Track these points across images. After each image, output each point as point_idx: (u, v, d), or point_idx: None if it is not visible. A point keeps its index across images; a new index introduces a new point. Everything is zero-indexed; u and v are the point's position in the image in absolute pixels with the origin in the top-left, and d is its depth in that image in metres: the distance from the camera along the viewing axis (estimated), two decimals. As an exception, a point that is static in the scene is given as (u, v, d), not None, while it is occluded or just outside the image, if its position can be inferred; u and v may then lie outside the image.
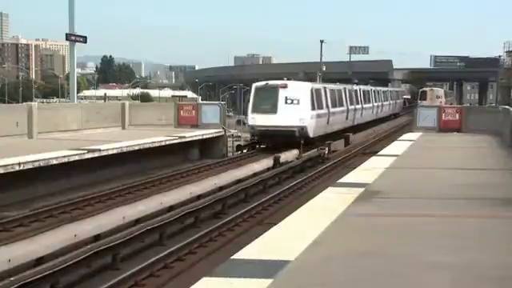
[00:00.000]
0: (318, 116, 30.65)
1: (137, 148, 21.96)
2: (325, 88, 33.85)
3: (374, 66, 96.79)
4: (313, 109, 29.98)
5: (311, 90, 30.64)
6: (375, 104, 50.16)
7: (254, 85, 30.86)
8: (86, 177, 19.92)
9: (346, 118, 38.33)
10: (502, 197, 11.69)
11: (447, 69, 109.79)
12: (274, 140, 28.86)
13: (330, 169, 25.16)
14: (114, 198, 17.71)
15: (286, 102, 29.06)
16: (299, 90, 30.08)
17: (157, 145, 23.30)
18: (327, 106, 32.90)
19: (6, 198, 16.53)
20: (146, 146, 22.59)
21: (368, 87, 51.04)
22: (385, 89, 61.08)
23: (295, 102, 29.18)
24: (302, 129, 28.67)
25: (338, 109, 35.63)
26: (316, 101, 30.83)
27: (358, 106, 41.93)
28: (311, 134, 29.42)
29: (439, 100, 64.57)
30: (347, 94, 39.25)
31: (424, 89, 71.70)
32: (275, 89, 29.76)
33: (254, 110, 29.73)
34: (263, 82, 31.22)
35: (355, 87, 43.99)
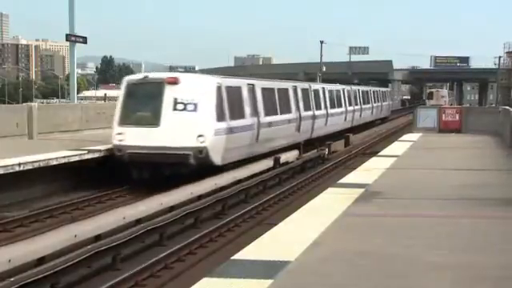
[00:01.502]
0: (233, 130, 19.97)
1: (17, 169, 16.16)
2: (252, 86, 22.68)
3: (374, 67, 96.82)
4: (221, 118, 19.39)
5: (218, 88, 19.67)
6: (349, 108, 39.50)
7: (126, 79, 20.43)
8: None
9: (298, 130, 27.47)
10: (501, 197, 11.70)
11: (447, 69, 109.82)
12: (154, 170, 18.67)
13: (330, 169, 25.14)
14: None
15: (175, 108, 18.77)
16: (198, 87, 19.46)
17: (45, 164, 17.13)
18: (256, 114, 22.22)
19: None
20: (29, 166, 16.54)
21: (337, 86, 40.02)
22: (365, 88, 49.79)
23: (190, 107, 18.79)
24: (201, 151, 18.42)
25: (277, 118, 24.50)
26: (229, 106, 20.10)
27: (318, 113, 31.11)
28: (218, 160, 19.16)
29: (443, 99, 79.36)
30: (298, 96, 28.07)
31: (431, 90, 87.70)
32: (159, 86, 19.27)
33: (123, 121, 19.20)
34: (140, 75, 21.57)
35: (314, 86, 32.90)
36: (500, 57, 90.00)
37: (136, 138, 18.59)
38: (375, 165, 16.10)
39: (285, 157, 24.16)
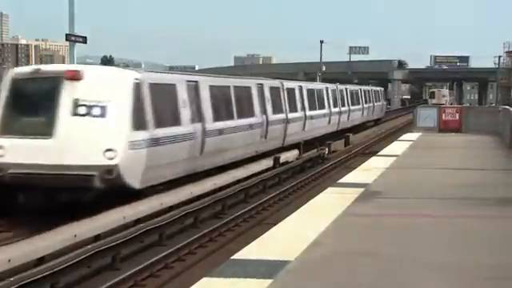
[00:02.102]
0: (161, 141, 15.12)
1: None
2: (195, 84, 17.95)
3: (374, 67, 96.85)
4: (141, 126, 14.58)
5: (137, 85, 14.83)
6: (334, 110, 34.68)
7: (12, 72, 15.42)
8: None
9: (264, 137, 22.83)
10: (501, 197, 11.70)
11: (447, 69, 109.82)
12: (47, 196, 13.93)
13: (329, 169, 25.15)
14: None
15: (75, 113, 14.06)
16: (108, 85, 14.69)
17: None
18: (200, 119, 17.54)
19: None
20: None
21: (319, 85, 36.34)
22: (354, 88, 44.08)
23: (96, 111, 14.09)
24: (110, 171, 13.70)
25: (232, 123, 19.87)
26: (155, 109, 15.21)
27: (293, 116, 26.31)
28: (136, 182, 14.36)
29: (444, 98, 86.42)
30: (265, 96, 23.51)
31: (433, 90, 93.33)
32: (55, 82, 14.47)
33: (4, 130, 14.41)
34: (30, 67, 16.25)
35: (288, 84, 27.55)
36: (500, 56, 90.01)
37: (21, 153, 13.76)
38: (375, 164, 16.10)
39: (284, 156, 24.16)
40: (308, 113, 28.86)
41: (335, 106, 35.25)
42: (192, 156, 16.84)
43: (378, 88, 57.02)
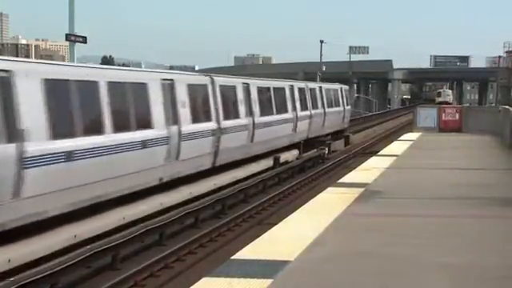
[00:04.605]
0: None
1: None
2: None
3: (374, 66, 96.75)
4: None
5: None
6: (242, 121, 20.14)
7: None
8: None
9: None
10: (501, 197, 11.70)
11: (447, 69, 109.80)
12: None
13: (329, 169, 25.15)
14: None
15: None
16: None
17: None
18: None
19: None
20: None
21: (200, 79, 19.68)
22: (300, 84, 27.90)
23: None
24: None
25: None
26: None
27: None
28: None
29: (448, 97, 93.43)
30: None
31: (439, 90, 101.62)
32: None
33: None
34: None
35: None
36: (500, 56, 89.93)
37: None
38: (375, 164, 16.10)
39: (284, 156, 24.14)
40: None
41: (249, 114, 20.74)
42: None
43: (340, 86, 36.12)
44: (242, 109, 20.09)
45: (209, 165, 17.66)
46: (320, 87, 30.69)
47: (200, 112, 17.37)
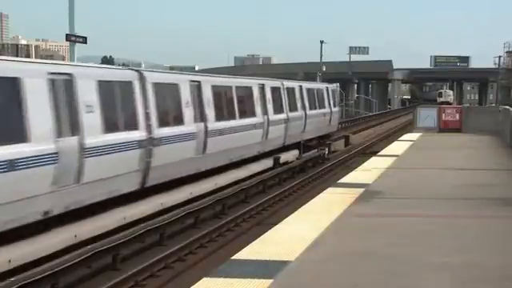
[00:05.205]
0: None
1: None
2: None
3: (374, 66, 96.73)
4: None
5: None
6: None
7: None
8: None
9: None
10: (501, 197, 11.71)
11: (447, 69, 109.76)
12: None
13: (330, 169, 25.16)
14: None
15: None
16: None
17: None
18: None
19: None
20: None
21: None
22: (274, 83, 24.19)
23: None
24: None
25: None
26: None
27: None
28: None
29: (450, 97, 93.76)
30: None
31: (440, 90, 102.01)
32: None
33: None
34: None
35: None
36: (500, 56, 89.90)
37: None
38: (375, 164, 16.11)
39: (284, 157, 24.11)
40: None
41: (199, 119, 17.21)
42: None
43: (325, 85, 33.23)
44: (188, 113, 16.39)
45: (134, 186, 13.92)
46: (300, 86, 27.25)
47: (118, 118, 13.67)
